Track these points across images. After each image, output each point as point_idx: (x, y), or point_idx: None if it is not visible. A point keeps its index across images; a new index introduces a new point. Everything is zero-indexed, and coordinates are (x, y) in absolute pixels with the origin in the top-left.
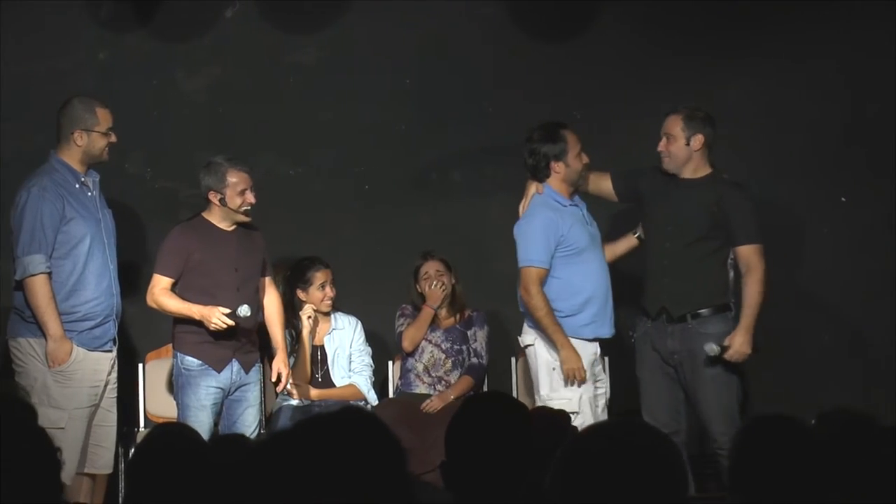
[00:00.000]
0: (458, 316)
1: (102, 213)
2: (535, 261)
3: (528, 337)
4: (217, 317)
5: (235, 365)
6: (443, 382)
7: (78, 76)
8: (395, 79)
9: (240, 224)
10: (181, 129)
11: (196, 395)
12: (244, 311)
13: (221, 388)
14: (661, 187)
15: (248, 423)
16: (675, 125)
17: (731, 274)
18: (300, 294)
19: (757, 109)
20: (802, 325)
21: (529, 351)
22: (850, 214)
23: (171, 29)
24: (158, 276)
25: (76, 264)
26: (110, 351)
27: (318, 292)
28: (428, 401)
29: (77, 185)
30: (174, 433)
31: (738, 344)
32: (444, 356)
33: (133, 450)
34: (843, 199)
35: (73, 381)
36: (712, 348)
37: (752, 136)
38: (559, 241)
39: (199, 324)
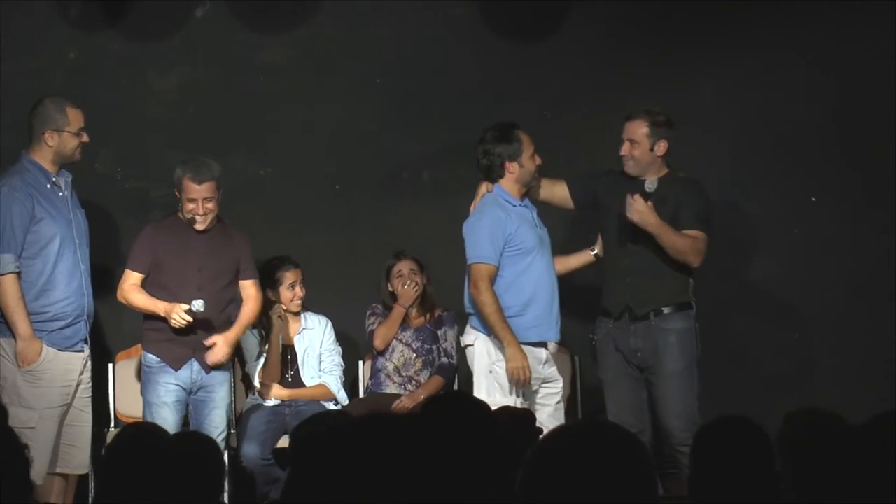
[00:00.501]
0: (428, 315)
1: (74, 213)
2: (483, 257)
3: (469, 337)
4: (177, 312)
5: (195, 364)
6: (413, 382)
7: (48, 76)
8: (365, 78)
9: (219, 224)
10: (152, 128)
11: (156, 392)
12: (197, 305)
13: (181, 386)
14: (620, 189)
15: (216, 424)
16: (639, 130)
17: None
18: (270, 294)
19: (728, 109)
20: (772, 324)
21: (468, 351)
22: (819, 214)
23: (141, 28)
24: (128, 272)
25: (46, 264)
26: (82, 351)
27: (287, 292)
28: (398, 401)
29: (48, 186)
30: (144, 432)
31: (641, 204)
32: (414, 355)
33: (104, 450)
34: (812, 199)
35: (44, 381)
36: (648, 186)
37: (722, 135)
38: (507, 240)
39: (164, 321)
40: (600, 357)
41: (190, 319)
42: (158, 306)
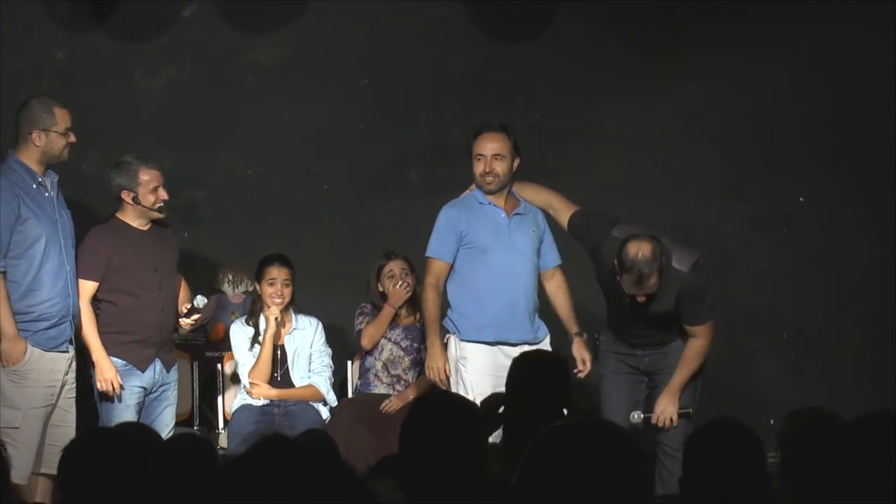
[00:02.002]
0: (417, 315)
1: (59, 214)
2: (431, 252)
3: (445, 335)
4: (108, 382)
5: (158, 364)
6: (402, 382)
7: (35, 75)
8: (352, 79)
9: (153, 222)
10: (139, 128)
11: (121, 395)
12: (199, 301)
13: (145, 388)
14: (619, 291)
15: (167, 421)
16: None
17: None
18: (258, 288)
19: (716, 108)
20: (760, 325)
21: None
22: (808, 215)
23: (129, 28)
24: (83, 281)
25: (31, 264)
26: (66, 351)
27: (267, 287)
28: (387, 401)
29: (34, 186)
30: (131, 434)
31: (662, 408)
32: (402, 353)
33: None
34: (801, 199)
35: (29, 381)
36: (634, 417)
37: (710, 136)
38: (460, 237)
39: (123, 325)
40: (602, 355)
41: (194, 319)
42: (101, 358)
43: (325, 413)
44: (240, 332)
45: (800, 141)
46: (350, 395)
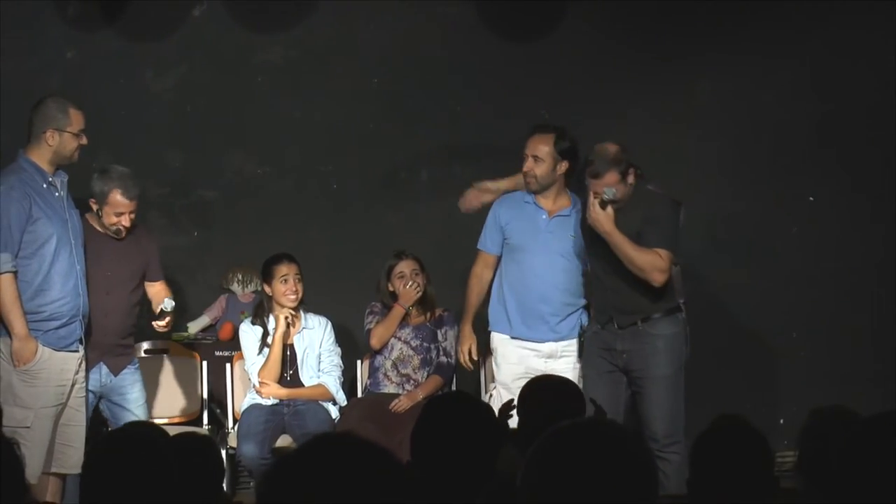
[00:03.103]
0: (428, 315)
1: (69, 214)
2: (480, 243)
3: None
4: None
5: (104, 368)
6: (411, 381)
7: (45, 75)
8: (362, 78)
9: (129, 229)
10: (149, 128)
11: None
12: (168, 305)
13: (91, 391)
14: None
15: None
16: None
17: (676, 268)
18: (266, 289)
19: (724, 108)
20: (771, 324)
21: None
22: (817, 214)
23: (138, 28)
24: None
25: (42, 264)
26: (77, 351)
27: (280, 285)
28: (396, 400)
29: (44, 185)
30: (137, 432)
31: (597, 209)
32: (412, 353)
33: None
34: (810, 198)
35: (39, 381)
36: (607, 194)
37: (721, 135)
38: (502, 231)
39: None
40: (586, 353)
41: (166, 322)
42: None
43: (334, 412)
44: (249, 332)
45: (810, 140)
46: (359, 394)
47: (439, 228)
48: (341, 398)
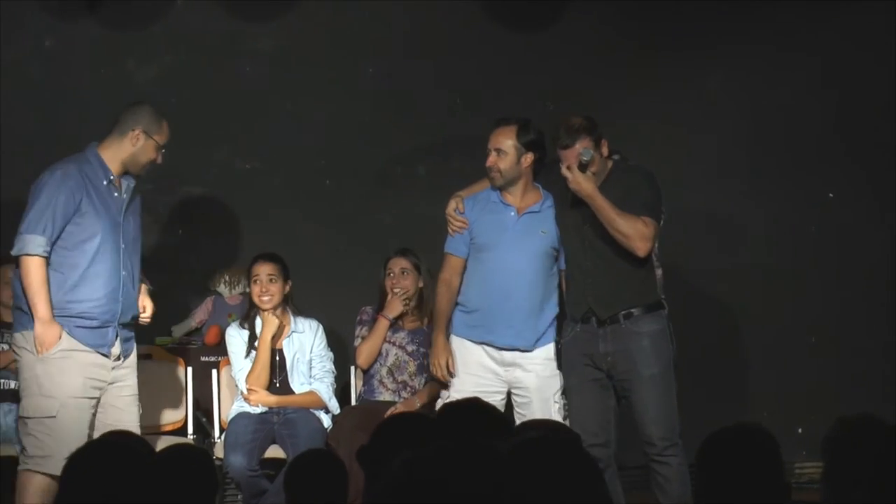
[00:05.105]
0: (425, 319)
1: (126, 219)
2: (447, 246)
3: None
4: None
5: None
6: (408, 388)
7: (23, 64)
8: (357, 68)
9: None
10: None
11: None
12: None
13: None
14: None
15: None
16: (586, 141)
17: (660, 272)
18: (249, 290)
19: (737, 102)
20: (788, 328)
21: None
22: (838, 212)
23: (120, 15)
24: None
25: (82, 260)
26: (107, 355)
27: (254, 286)
28: (393, 408)
29: (105, 183)
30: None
31: (583, 181)
32: (408, 358)
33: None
34: (830, 195)
35: (64, 370)
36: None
37: (733, 130)
38: (469, 231)
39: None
40: (566, 362)
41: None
42: None
43: (326, 421)
44: (236, 336)
45: (830, 134)
46: (353, 402)
47: (438, 227)
48: (334, 406)
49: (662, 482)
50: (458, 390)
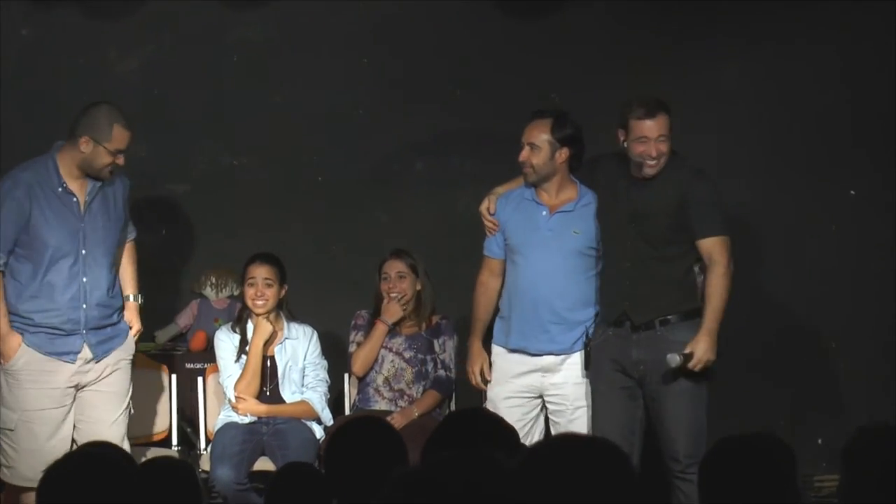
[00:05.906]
0: (424, 324)
1: (89, 223)
2: (484, 247)
3: None
4: None
5: None
6: (405, 397)
7: None
8: (351, 59)
9: None
10: None
11: None
12: None
13: None
14: (620, 181)
15: None
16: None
17: (701, 278)
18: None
19: (754, 95)
20: (808, 333)
21: None
22: (860, 210)
23: (102, 3)
24: None
25: (36, 269)
26: (72, 362)
27: (248, 289)
28: (389, 418)
29: (59, 189)
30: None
31: (702, 350)
32: (406, 366)
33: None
34: (851, 192)
35: (21, 383)
36: (674, 359)
37: (749, 124)
38: (503, 231)
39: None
40: (594, 366)
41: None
42: None
43: (318, 432)
44: (226, 341)
45: (851, 129)
46: (347, 411)
47: (436, 226)
48: (327, 417)
49: (684, 500)
50: (490, 400)
